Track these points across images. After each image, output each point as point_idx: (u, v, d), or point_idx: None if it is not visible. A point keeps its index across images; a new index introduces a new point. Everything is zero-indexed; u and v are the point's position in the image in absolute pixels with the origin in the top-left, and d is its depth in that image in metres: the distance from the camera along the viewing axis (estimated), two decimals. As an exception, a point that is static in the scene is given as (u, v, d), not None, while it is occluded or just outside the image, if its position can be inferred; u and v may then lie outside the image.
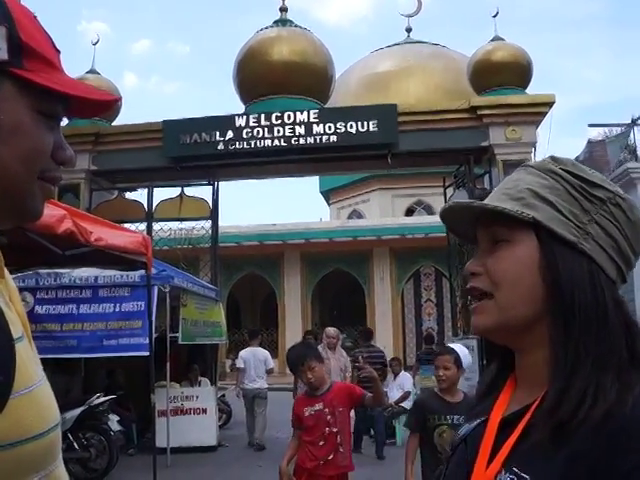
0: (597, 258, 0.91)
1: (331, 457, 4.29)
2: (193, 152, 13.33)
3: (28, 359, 0.80)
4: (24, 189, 0.85)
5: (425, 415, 4.09)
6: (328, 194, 36.83)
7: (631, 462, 0.77)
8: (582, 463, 0.80)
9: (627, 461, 0.78)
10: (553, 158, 0.99)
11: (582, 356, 0.86)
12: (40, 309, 8.57)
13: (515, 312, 0.93)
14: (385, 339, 25.13)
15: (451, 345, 4.41)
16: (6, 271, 0.90)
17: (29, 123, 0.84)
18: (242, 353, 11.85)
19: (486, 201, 0.97)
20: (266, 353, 11.84)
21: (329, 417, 4.31)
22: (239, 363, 11.65)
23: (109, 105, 0.96)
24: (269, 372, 11.63)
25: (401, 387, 11.50)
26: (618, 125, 14.41)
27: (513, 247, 0.94)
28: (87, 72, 14.87)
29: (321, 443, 4.31)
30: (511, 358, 1.02)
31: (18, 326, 0.82)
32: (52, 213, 5.42)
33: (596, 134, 14.54)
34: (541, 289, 0.91)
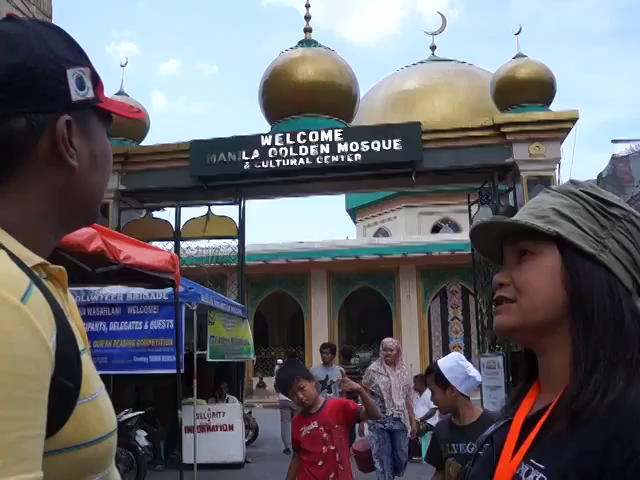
0: (614, 269, 1.00)
1: (332, 476, 4.15)
2: (220, 171, 13.51)
3: (90, 369, 0.89)
4: (100, 200, 1.01)
5: (438, 445, 3.65)
6: (354, 212, 36.90)
7: (626, 454, 0.85)
8: (589, 452, 0.88)
9: (623, 453, 0.85)
10: (572, 181, 1.09)
11: (600, 357, 0.95)
12: (71, 326, 8.71)
13: (536, 315, 1.02)
14: (412, 357, 25.04)
15: (438, 361, 3.87)
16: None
17: (109, 147, 1.01)
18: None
19: (514, 219, 1.07)
20: None
21: (325, 435, 4.17)
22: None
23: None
24: None
25: (426, 404, 11.46)
26: (642, 140, 14.34)
27: (537, 259, 1.04)
28: (116, 94, 15.18)
29: (320, 463, 4.17)
30: (535, 367, 1.11)
31: (80, 339, 0.90)
32: (82, 232, 5.57)
33: (622, 149, 14.44)
34: (562, 296, 1.01)
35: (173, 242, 13.71)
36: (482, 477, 1.09)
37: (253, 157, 13.39)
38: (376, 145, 13.02)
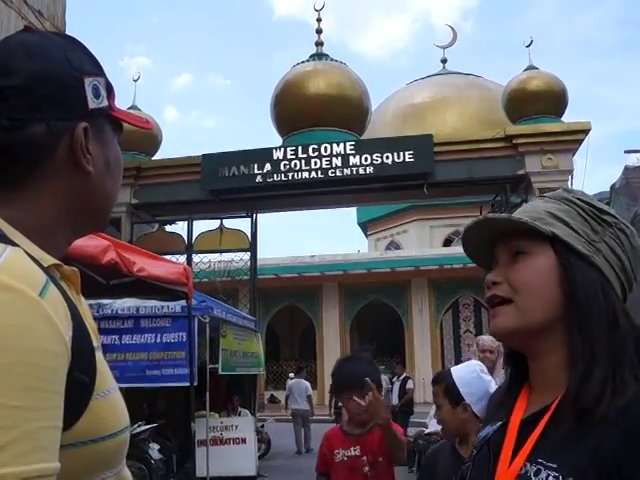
0: (606, 272, 1.02)
1: None
2: (232, 185, 13.55)
3: (104, 366, 0.90)
4: (112, 206, 1.04)
5: (434, 475, 2.78)
6: (366, 225, 36.88)
7: None
8: (605, 450, 0.89)
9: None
10: (566, 189, 1.12)
11: (597, 354, 0.96)
12: (83, 340, 8.70)
13: (534, 315, 1.02)
14: (424, 370, 24.93)
15: (452, 368, 2.91)
16: None
17: (120, 154, 1.03)
18: (289, 382, 15.41)
19: (513, 215, 1.08)
20: (307, 384, 15.04)
21: (366, 469, 3.06)
22: (287, 391, 15.03)
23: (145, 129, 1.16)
24: (308, 398, 14.52)
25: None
26: (657, 151, 14.18)
27: (532, 258, 1.05)
28: (128, 108, 15.27)
29: None
30: (525, 368, 1.11)
31: (93, 336, 0.92)
32: (96, 244, 5.60)
33: (635, 160, 14.34)
34: (557, 296, 1.02)
35: (185, 255, 13.73)
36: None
37: (265, 170, 13.42)
38: (388, 157, 13.03)
